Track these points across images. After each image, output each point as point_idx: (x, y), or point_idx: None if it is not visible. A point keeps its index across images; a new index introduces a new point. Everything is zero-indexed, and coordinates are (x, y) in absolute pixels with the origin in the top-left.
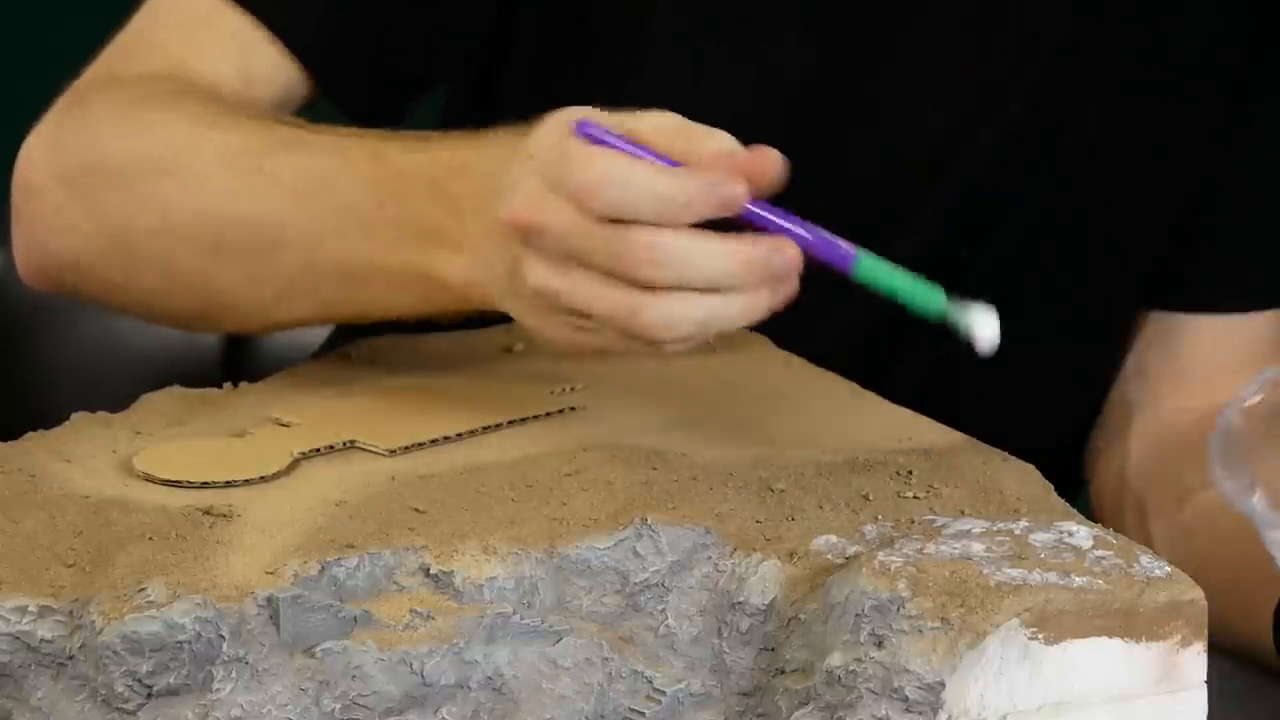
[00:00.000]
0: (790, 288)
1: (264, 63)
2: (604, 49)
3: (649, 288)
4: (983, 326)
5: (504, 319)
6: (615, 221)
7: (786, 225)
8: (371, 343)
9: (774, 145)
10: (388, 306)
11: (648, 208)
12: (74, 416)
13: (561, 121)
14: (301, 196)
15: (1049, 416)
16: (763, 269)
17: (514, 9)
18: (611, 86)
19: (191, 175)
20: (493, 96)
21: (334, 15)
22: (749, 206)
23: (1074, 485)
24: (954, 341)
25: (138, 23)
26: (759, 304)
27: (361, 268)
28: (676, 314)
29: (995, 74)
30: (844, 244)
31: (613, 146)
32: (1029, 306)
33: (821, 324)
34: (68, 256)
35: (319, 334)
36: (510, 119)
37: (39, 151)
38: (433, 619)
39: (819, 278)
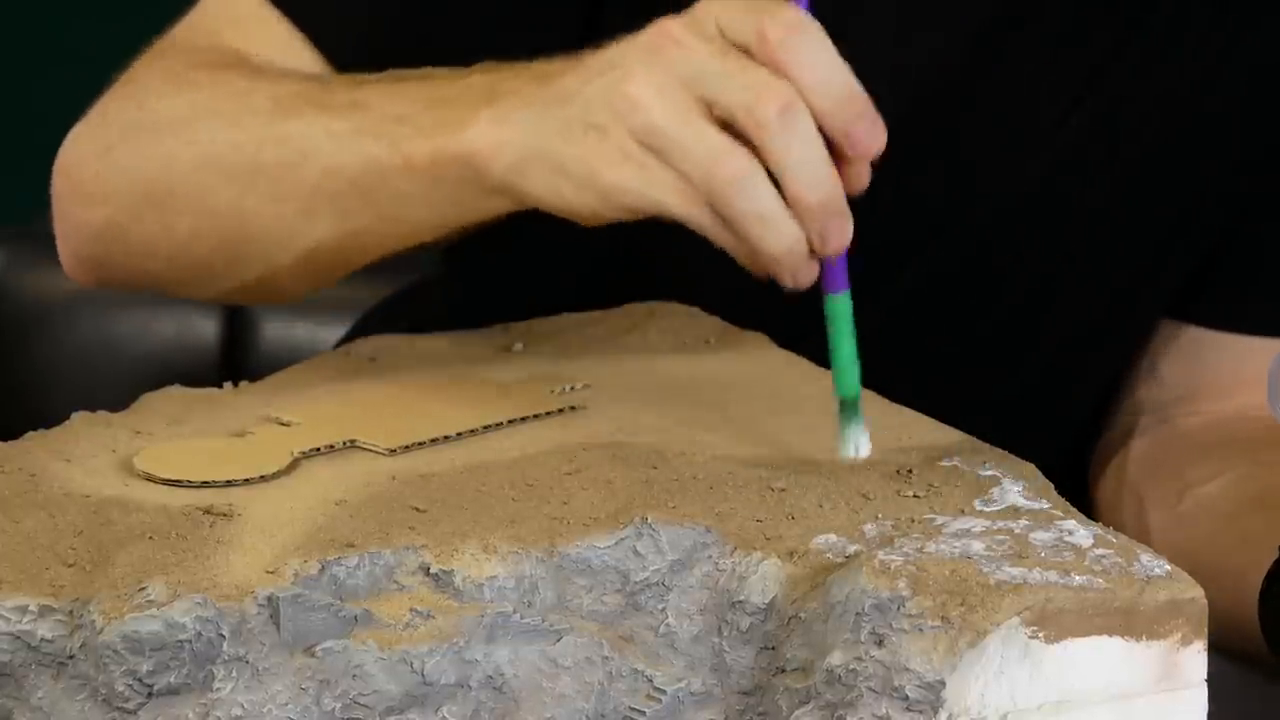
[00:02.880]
0: (806, 272)
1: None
2: None
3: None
4: (853, 446)
5: (501, 316)
6: None
7: None
8: (371, 342)
9: None
10: (405, 210)
11: (822, 75)
12: (74, 416)
13: None
14: (344, 109)
15: (1052, 417)
16: (837, 217)
17: (597, 24)
18: None
19: (240, 113)
20: None
21: (379, 34)
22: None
23: (1075, 485)
24: (956, 342)
25: (187, 22)
26: (800, 251)
27: (383, 162)
28: (761, 191)
29: (1052, 114)
30: (844, 275)
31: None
32: (1043, 311)
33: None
34: (101, 224)
35: (319, 335)
36: None
37: (80, 136)
38: (433, 618)
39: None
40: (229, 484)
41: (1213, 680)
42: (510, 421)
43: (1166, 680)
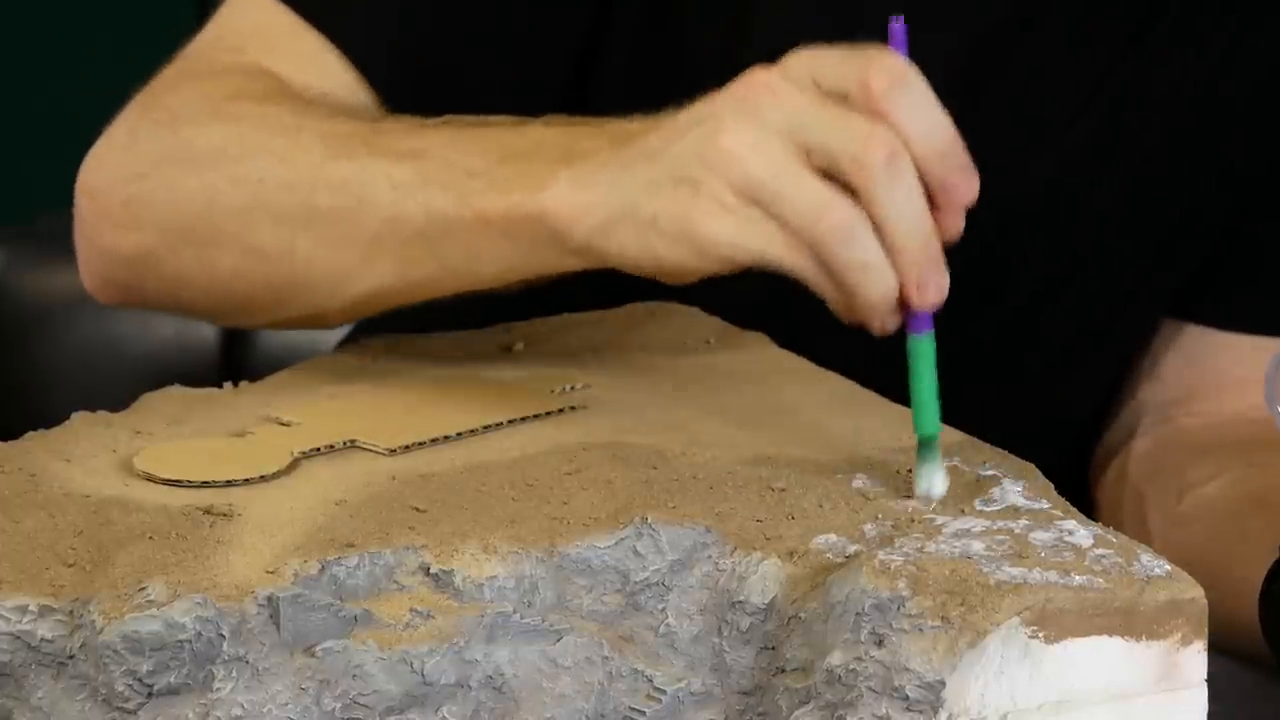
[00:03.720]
0: (894, 319)
1: (339, 84)
2: (696, 78)
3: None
4: (928, 484)
5: (501, 316)
6: None
7: None
8: (371, 342)
9: None
10: (472, 263)
11: (925, 127)
12: (74, 416)
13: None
14: (404, 157)
15: (1053, 417)
16: (936, 268)
17: (602, 40)
18: None
19: (290, 151)
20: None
21: (408, 44)
22: None
23: (1075, 485)
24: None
25: (209, 34)
26: (894, 300)
27: (450, 215)
28: (866, 241)
29: (1059, 118)
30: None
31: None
32: (1046, 311)
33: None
34: (134, 253)
35: (319, 335)
36: None
37: (106, 156)
38: (433, 618)
39: None
40: (229, 484)
41: (1213, 680)
42: (510, 421)
43: (1166, 680)
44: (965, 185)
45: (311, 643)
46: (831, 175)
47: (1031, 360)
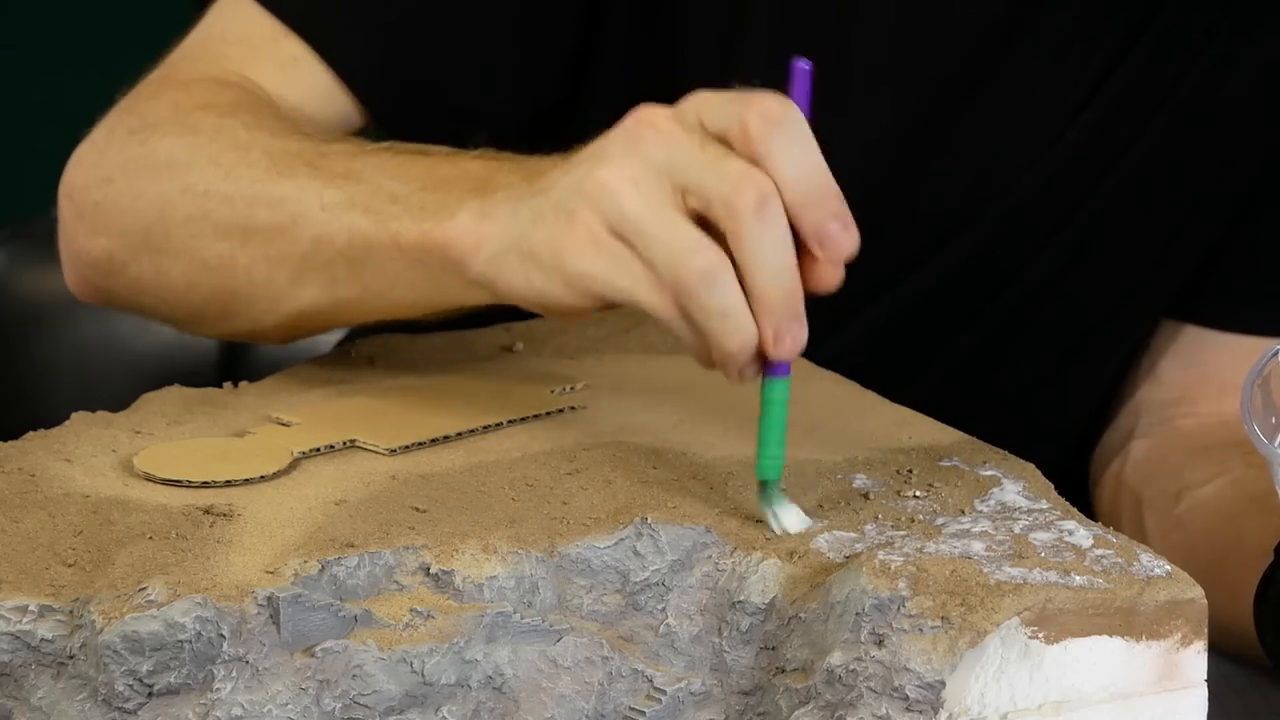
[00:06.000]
0: (751, 368)
1: (320, 89)
2: (696, 66)
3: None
4: (779, 524)
5: (501, 315)
6: None
7: None
8: (371, 342)
9: (849, 178)
10: (389, 289)
11: (800, 172)
12: (74, 416)
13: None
14: (339, 179)
15: (1053, 417)
16: (796, 320)
17: (593, 47)
18: None
19: (235, 166)
20: (567, 120)
21: (389, 47)
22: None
23: (1075, 485)
24: (957, 342)
25: (194, 39)
26: (752, 348)
27: (370, 238)
28: (728, 288)
29: (1056, 119)
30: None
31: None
32: (1045, 312)
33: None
34: (101, 256)
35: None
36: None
37: (85, 158)
38: (433, 618)
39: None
40: (229, 484)
41: (1213, 680)
42: (510, 421)
43: (1166, 680)
44: (842, 236)
45: (311, 643)
46: (705, 219)
47: (1031, 361)
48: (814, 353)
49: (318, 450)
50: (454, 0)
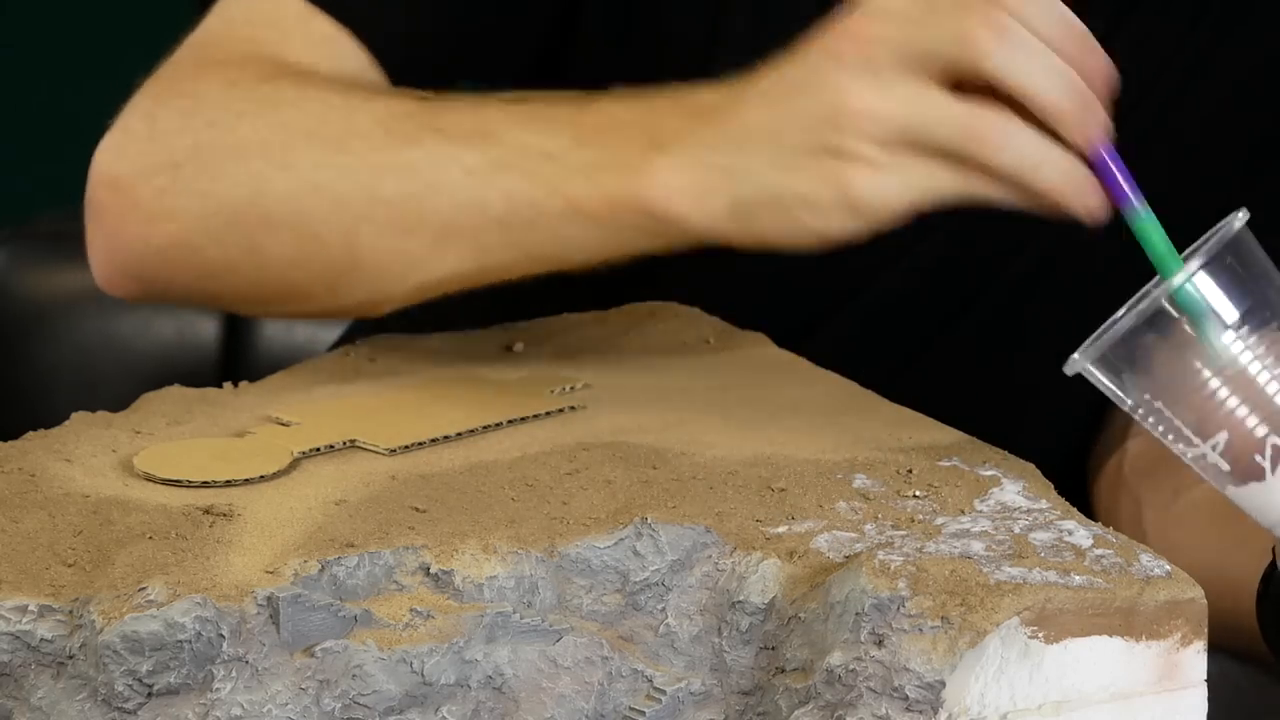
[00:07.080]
0: (1095, 195)
1: (355, 67)
2: (678, 48)
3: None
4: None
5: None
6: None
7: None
8: (371, 342)
9: None
10: (559, 250)
11: (1055, 31)
12: (74, 416)
13: None
14: (474, 139)
15: (1052, 416)
16: (1091, 106)
17: (574, 22)
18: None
19: (345, 136)
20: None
21: (419, 22)
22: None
23: (1075, 485)
24: (956, 341)
25: (214, 25)
26: (1078, 176)
27: (538, 202)
28: (1021, 136)
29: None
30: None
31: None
32: (1043, 309)
33: (824, 326)
34: (166, 242)
35: (319, 335)
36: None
37: (126, 147)
38: (433, 618)
39: (825, 282)
40: (229, 484)
41: (1213, 680)
42: (510, 421)
43: (1166, 680)
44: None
45: (311, 643)
46: (959, 81)
47: (1030, 359)
48: (811, 353)
49: (318, 450)
50: None
